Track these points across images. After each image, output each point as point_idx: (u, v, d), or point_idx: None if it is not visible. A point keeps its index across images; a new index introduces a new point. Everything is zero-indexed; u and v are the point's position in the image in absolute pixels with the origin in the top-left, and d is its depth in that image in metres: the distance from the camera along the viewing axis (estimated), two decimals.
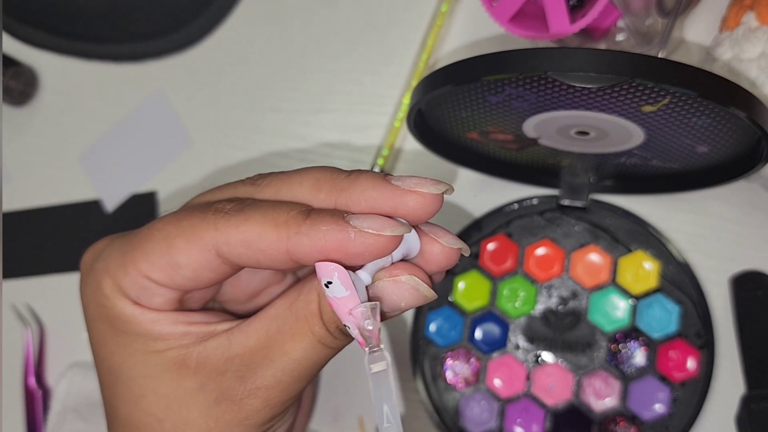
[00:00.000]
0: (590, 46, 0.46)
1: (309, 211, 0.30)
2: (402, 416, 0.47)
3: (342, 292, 0.29)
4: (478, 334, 0.46)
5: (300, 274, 0.40)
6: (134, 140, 0.55)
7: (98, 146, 0.56)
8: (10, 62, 0.56)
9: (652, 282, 0.45)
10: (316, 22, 0.54)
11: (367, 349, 0.30)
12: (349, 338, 0.33)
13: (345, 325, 0.30)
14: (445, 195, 0.31)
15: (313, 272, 0.31)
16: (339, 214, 0.30)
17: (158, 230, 0.32)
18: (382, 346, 0.30)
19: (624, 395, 0.44)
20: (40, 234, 0.56)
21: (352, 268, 0.30)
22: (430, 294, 0.31)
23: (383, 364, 0.30)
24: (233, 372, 0.32)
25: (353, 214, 0.30)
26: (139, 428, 0.34)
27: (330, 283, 0.29)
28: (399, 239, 0.29)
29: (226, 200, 0.32)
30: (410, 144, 0.51)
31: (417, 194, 0.30)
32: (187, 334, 0.33)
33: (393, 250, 0.30)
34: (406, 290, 0.31)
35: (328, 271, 0.29)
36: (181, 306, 0.34)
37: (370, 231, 0.29)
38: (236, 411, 0.32)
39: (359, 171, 0.31)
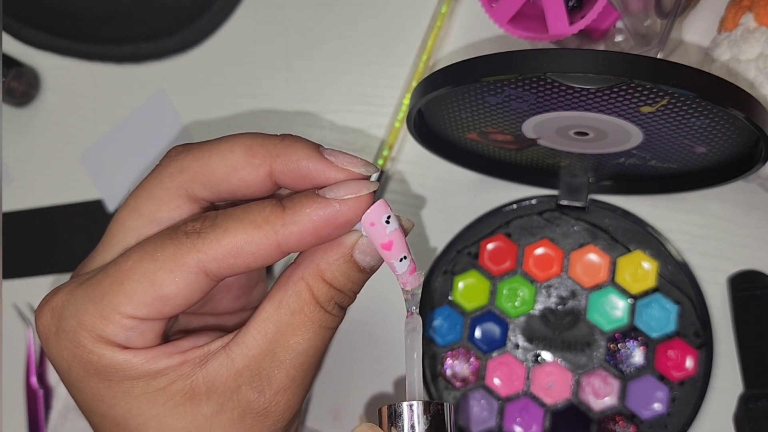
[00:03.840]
0: (589, 47, 0.46)
1: (280, 202, 0.31)
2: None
3: (394, 224, 0.32)
4: (478, 333, 0.47)
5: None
6: (136, 140, 0.55)
7: (100, 146, 0.56)
8: (12, 63, 0.56)
9: (651, 281, 0.45)
10: (317, 24, 0.54)
11: (413, 309, 0.35)
12: (343, 312, 0.34)
13: (400, 257, 0.33)
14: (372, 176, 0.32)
15: (288, 265, 0.33)
16: (312, 193, 0.31)
17: (133, 270, 0.31)
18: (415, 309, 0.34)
19: (623, 394, 0.44)
20: (42, 234, 0.56)
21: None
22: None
23: (418, 325, 0.35)
24: (248, 385, 0.32)
25: (324, 188, 0.31)
26: None
27: (389, 219, 0.31)
28: (372, 195, 0.31)
29: (190, 220, 0.32)
30: (410, 144, 0.51)
31: (348, 173, 0.31)
32: (185, 363, 0.32)
33: (371, 205, 0.32)
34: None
35: (384, 208, 0.31)
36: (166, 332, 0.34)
37: (350, 196, 0.30)
38: (263, 420, 0.32)
39: (291, 136, 0.32)
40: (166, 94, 0.55)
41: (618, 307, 0.45)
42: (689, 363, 0.44)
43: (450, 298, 0.47)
